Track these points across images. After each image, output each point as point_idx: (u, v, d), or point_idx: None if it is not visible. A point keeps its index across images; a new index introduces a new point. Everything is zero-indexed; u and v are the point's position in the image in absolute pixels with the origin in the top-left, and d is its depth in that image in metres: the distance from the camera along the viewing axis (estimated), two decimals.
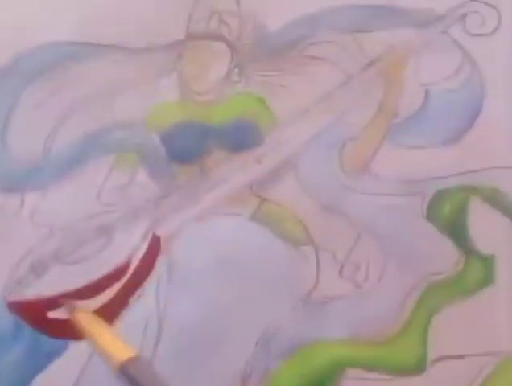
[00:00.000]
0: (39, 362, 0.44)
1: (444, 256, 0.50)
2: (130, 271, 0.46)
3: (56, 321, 0.45)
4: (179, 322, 0.46)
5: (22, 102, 0.48)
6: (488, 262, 0.50)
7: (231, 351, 0.46)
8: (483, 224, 0.51)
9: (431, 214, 0.50)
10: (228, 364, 0.46)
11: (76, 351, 0.44)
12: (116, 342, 0.38)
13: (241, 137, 0.50)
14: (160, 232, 0.48)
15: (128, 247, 0.47)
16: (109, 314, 0.45)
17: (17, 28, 0.48)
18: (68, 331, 0.45)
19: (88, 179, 0.48)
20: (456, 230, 0.50)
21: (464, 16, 0.52)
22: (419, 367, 0.48)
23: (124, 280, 0.46)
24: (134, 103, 0.49)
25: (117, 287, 0.46)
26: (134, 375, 0.35)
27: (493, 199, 0.51)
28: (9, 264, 0.45)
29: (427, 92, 0.52)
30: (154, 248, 0.47)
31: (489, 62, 0.53)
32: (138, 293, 0.46)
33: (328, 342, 0.48)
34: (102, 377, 0.44)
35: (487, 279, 0.49)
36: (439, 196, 0.51)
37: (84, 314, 0.43)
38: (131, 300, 0.46)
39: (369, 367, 0.48)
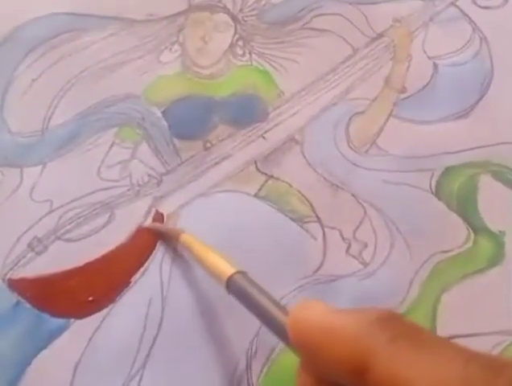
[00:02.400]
0: (40, 341, 0.43)
1: (453, 233, 0.49)
2: (133, 248, 0.45)
3: (58, 299, 0.44)
4: (183, 299, 0.45)
5: (20, 75, 0.47)
6: (498, 239, 0.49)
7: (236, 329, 0.45)
8: (493, 201, 0.50)
9: (440, 191, 0.49)
10: (233, 342, 0.45)
11: (77, 329, 0.43)
12: (221, 259, 0.39)
13: (245, 112, 0.49)
14: (163, 209, 0.47)
15: (130, 224, 0.46)
16: (111, 291, 0.44)
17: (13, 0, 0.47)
18: (69, 309, 0.44)
19: (89, 154, 0.47)
20: (466, 207, 0.49)
21: None
22: None
23: (126, 257, 0.45)
24: (135, 76, 0.48)
25: (119, 264, 0.45)
26: (241, 286, 0.35)
27: (503, 175, 0.50)
28: (8, 241, 0.44)
29: (435, 66, 0.51)
30: None
31: (499, 35, 0.52)
32: (141, 270, 0.45)
33: None
34: (105, 355, 0.43)
35: (497, 256, 0.49)
36: (448, 173, 0.50)
37: (190, 237, 0.43)
38: (134, 277, 0.45)
39: None
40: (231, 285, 0.36)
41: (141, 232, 0.46)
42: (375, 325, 0.22)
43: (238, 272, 0.36)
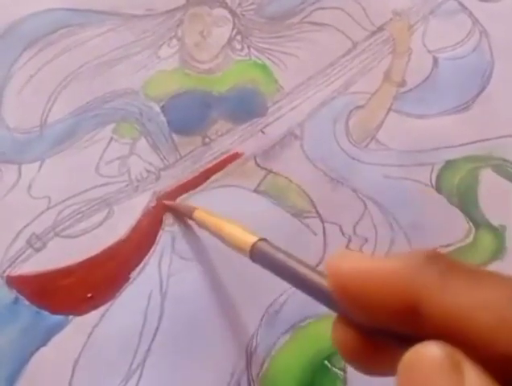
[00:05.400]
0: (39, 338, 0.43)
1: (454, 227, 0.49)
2: (132, 244, 0.45)
3: (57, 295, 0.44)
4: (182, 295, 0.45)
5: (18, 71, 0.47)
6: (498, 233, 0.49)
7: (236, 326, 0.45)
8: (493, 195, 0.49)
9: (441, 185, 0.49)
10: (233, 339, 0.45)
11: (77, 326, 0.43)
12: (240, 229, 0.37)
13: (244, 107, 0.49)
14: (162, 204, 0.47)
15: (129, 220, 0.46)
16: (110, 287, 0.44)
17: None
18: (68, 306, 0.44)
19: (87, 151, 0.47)
20: (466, 201, 0.49)
21: None
22: None
23: (125, 253, 0.45)
24: (133, 71, 0.48)
25: (117, 260, 0.45)
26: (267, 252, 0.33)
27: (504, 169, 0.50)
28: (6, 238, 0.44)
29: (435, 59, 0.51)
30: (156, 221, 0.46)
31: (498, 27, 0.51)
32: (139, 267, 0.45)
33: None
34: (104, 351, 0.43)
35: (498, 250, 0.48)
36: (449, 167, 0.49)
37: (203, 212, 0.42)
38: (133, 273, 0.45)
39: None
40: (255, 253, 0.34)
41: (141, 223, 0.46)
42: (423, 263, 0.22)
43: (261, 239, 0.34)
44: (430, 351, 0.20)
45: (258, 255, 0.34)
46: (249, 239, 0.35)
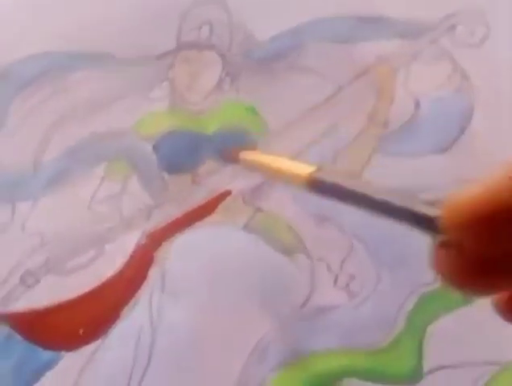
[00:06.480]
0: (32, 374, 0.43)
1: None
2: (123, 281, 0.46)
3: (49, 332, 0.44)
4: (172, 332, 0.45)
5: (12, 112, 0.47)
6: None
7: (225, 362, 0.45)
8: None
9: None
10: (222, 375, 0.45)
11: (69, 362, 0.44)
12: (293, 163, 0.36)
13: (232, 147, 0.50)
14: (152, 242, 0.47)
15: (120, 257, 0.46)
16: (102, 323, 0.44)
17: (5, 38, 0.48)
18: (60, 342, 0.44)
19: (80, 188, 0.47)
20: None
21: (453, 27, 0.52)
22: (414, 377, 0.48)
23: (116, 290, 0.45)
24: (125, 112, 0.49)
25: (109, 297, 0.45)
26: (325, 181, 0.31)
27: None
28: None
29: (416, 102, 0.52)
30: (147, 258, 0.47)
31: (479, 72, 0.53)
32: (130, 304, 0.46)
33: (324, 352, 0.47)
34: None
35: None
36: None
37: (251, 152, 0.43)
38: (124, 310, 0.45)
39: (365, 377, 0.47)
40: (314, 183, 0.32)
41: (132, 260, 0.46)
42: None
43: (319, 168, 0.33)
44: None
45: (317, 184, 0.32)
46: (305, 170, 0.33)
